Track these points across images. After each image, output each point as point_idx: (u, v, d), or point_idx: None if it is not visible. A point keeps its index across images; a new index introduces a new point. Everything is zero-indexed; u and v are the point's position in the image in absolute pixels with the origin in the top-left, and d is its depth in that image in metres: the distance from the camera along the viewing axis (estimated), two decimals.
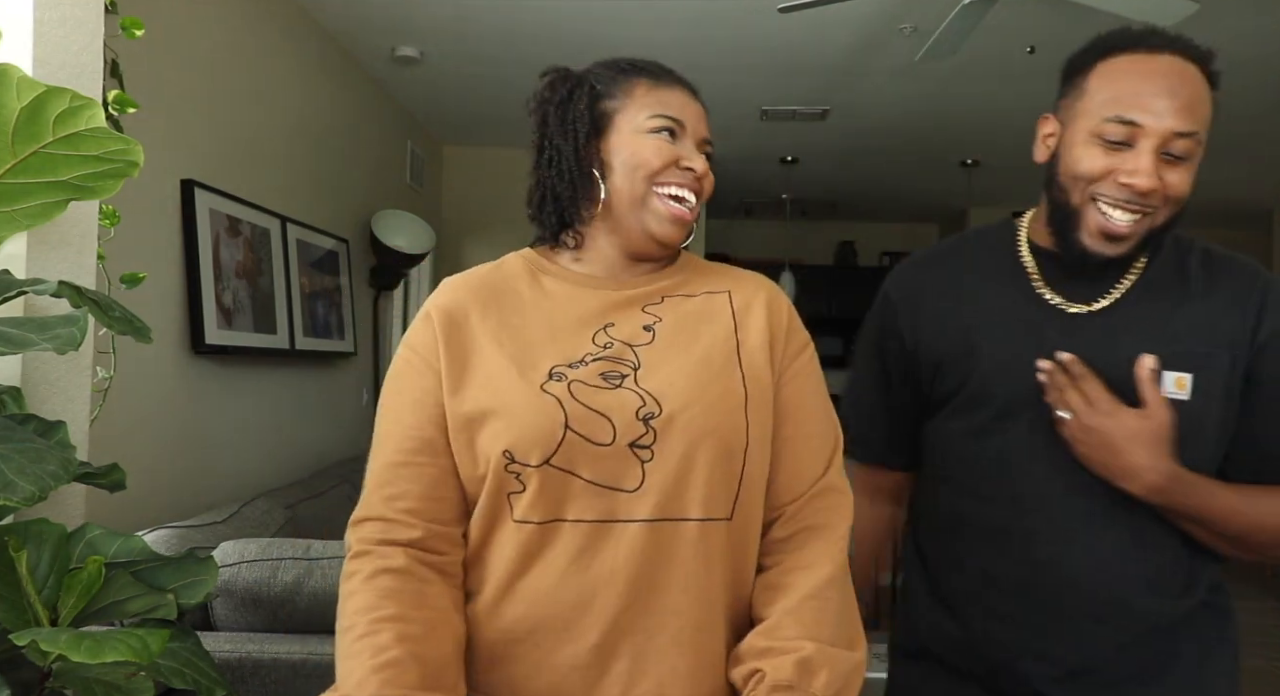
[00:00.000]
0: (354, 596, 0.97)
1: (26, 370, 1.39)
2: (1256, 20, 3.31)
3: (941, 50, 3.13)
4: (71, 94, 1.15)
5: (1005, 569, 1.17)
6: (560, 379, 0.99)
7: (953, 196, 6.30)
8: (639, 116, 1.06)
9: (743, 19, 3.41)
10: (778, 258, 6.85)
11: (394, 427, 1.03)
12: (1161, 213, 1.08)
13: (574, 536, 0.97)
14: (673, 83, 1.10)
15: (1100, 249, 1.10)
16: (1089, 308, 1.16)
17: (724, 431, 0.98)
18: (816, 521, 1.03)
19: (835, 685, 0.94)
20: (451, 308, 1.07)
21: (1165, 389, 1.10)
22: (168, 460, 2.45)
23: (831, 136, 5.01)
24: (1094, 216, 1.09)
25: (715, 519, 0.98)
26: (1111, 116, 1.06)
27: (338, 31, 3.61)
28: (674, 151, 1.06)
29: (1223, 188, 6.01)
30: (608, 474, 0.96)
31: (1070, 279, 1.17)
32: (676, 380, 0.99)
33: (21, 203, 1.22)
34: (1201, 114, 1.06)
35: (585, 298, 1.07)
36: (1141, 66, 1.07)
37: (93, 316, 1.22)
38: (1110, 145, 1.07)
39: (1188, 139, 1.05)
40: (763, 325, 1.06)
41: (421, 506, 1.00)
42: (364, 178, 4.03)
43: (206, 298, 2.57)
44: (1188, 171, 1.07)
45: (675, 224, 1.05)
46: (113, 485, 1.37)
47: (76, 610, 1.24)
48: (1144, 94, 1.05)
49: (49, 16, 1.42)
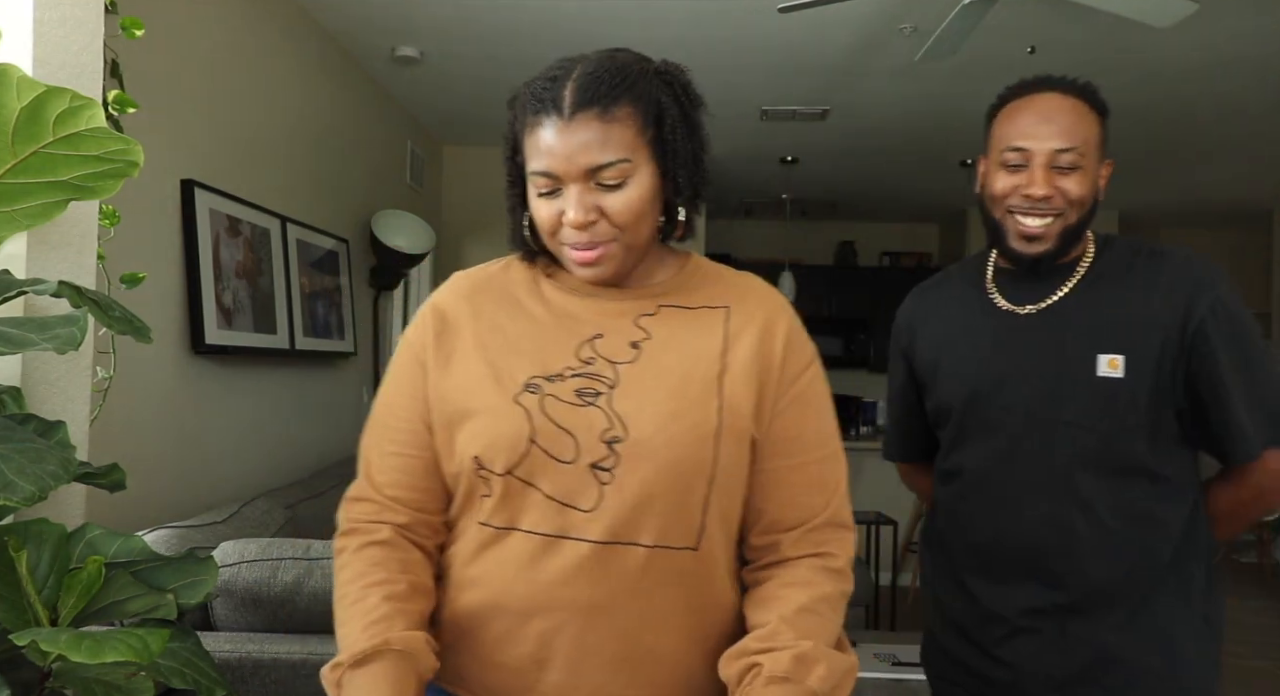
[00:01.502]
0: (345, 568, 1.03)
1: (26, 370, 1.39)
2: (1256, 20, 3.31)
3: (941, 50, 3.13)
4: (71, 94, 1.15)
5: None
6: (535, 391, 1.00)
7: (953, 196, 6.30)
8: (530, 174, 1.03)
9: (743, 19, 3.41)
10: (778, 257, 6.85)
11: (388, 417, 1.08)
12: (1071, 213, 1.34)
13: (525, 546, 0.99)
14: (546, 115, 0.99)
15: (1024, 249, 1.36)
16: (1036, 307, 1.39)
17: (688, 462, 0.98)
18: (814, 550, 1.03)
19: (832, 680, 0.95)
20: (448, 307, 1.09)
21: (1100, 370, 1.32)
22: (168, 460, 2.45)
23: (831, 136, 5.00)
24: (1011, 224, 1.36)
25: (672, 547, 0.98)
26: (1006, 147, 1.36)
27: (338, 31, 3.61)
28: (554, 208, 1.01)
29: (1223, 188, 6.00)
30: (566, 490, 0.97)
31: (1022, 285, 1.41)
32: (648, 405, 0.99)
33: (21, 203, 1.22)
34: (1082, 133, 1.32)
35: (580, 307, 1.07)
36: (1025, 105, 1.36)
37: (93, 316, 1.22)
38: (1011, 169, 1.35)
39: (1069, 153, 1.32)
40: (754, 352, 1.03)
41: (409, 495, 1.05)
42: (364, 178, 4.03)
43: (206, 298, 2.57)
44: (1081, 178, 1.33)
45: (586, 268, 1.02)
46: (113, 485, 1.37)
47: (76, 610, 1.24)
48: (1026, 125, 1.34)
49: (49, 16, 1.42)
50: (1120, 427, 1.32)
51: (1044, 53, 3.51)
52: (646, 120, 1.01)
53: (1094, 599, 1.34)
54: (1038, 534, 1.35)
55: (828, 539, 1.04)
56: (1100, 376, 1.32)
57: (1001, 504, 1.38)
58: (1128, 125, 4.62)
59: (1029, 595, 1.36)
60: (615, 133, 0.98)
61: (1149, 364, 1.31)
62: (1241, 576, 6.00)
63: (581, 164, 0.97)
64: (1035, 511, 1.35)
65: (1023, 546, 1.36)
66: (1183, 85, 4.01)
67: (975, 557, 1.42)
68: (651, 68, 1.05)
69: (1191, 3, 2.71)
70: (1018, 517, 1.36)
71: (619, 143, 0.98)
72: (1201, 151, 5.10)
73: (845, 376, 7.34)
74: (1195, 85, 4.00)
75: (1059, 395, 1.34)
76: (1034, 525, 1.35)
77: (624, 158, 0.98)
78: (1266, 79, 3.90)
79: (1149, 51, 3.61)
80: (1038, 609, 1.36)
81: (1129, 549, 1.33)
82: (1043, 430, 1.35)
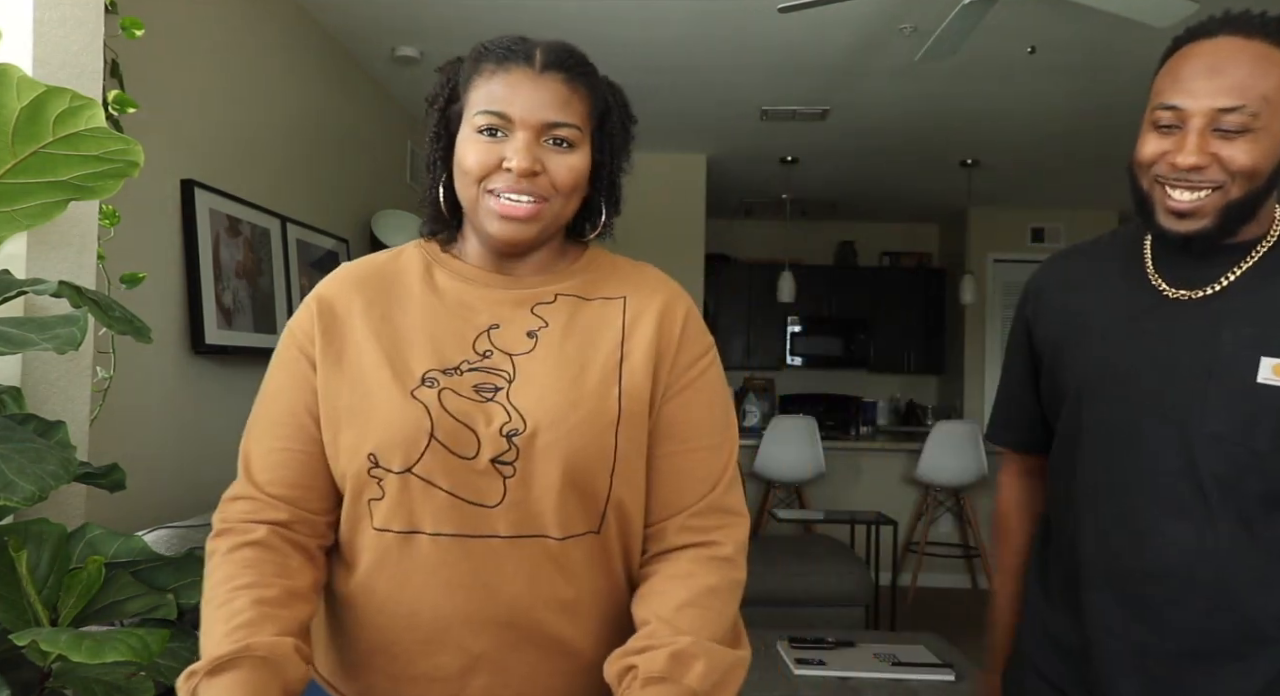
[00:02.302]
0: (215, 571, 0.96)
1: (26, 370, 1.39)
2: None
3: (941, 50, 3.13)
4: (71, 94, 1.15)
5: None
6: (433, 385, 0.97)
7: (953, 196, 6.30)
8: (471, 116, 1.00)
9: (743, 19, 3.41)
10: (778, 257, 6.85)
11: (271, 412, 1.02)
12: (1234, 187, 1.10)
13: (433, 549, 0.95)
14: (514, 65, 0.99)
15: (1175, 227, 1.13)
16: (1193, 294, 1.16)
17: (588, 452, 0.96)
18: (697, 539, 1.00)
19: (712, 677, 0.90)
20: (334, 298, 1.05)
21: (1262, 375, 1.10)
22: (168, 460, 2.45)
23: (831, 136, 5.00)
24: (1160, 198, 1.13)
25: (577, 535, 0.97)
26: (1158, 105, 1.12)
27: (338, 31, 3.61)
28: (494, 152, 0.97)
29: None
30: (469, 488, 0.95)
31: (1184, 264, 1.18)
32: (546, 397, 0.97)
33: (21, 203, 1.22)
34: (1261, 88, 1.07)
35: (474, 296, 1.03)
36: (1189, 54, 1.12)
37: (93, 316, 1.22)
38: (1162, 130, 1.12)
39: (1236, 113, 1.07)
40: (651, 337, 1.02)
41: (291, 492, 0.99)
42: (364, 178, 4.03)
43: (206, 297, 2.57)
44: (1250, 143, 1.08)
45: (506, 222, 0.98)
46: (113, 485, 1.37)
47: (76, 610, 1.24)
48: (1184, 79, 1.10)
49: (49, 16, 1.42)
50: (1276, 449, 1.10)
51: (1044, 53, 3.51)
52: (594, 110, 1.03)
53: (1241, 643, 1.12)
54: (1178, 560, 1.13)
55: (712, 526, 1.01)
56: (1261, 383, 1.10)
57: (1126, 523, 1.16)
58: (1127, 125, 4.61)
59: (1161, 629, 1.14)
60: (575, 100, 1.00)
61: None
62: None
63: (541, 116, 0.97)
64: (1172, 534, 1.13)
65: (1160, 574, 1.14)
66: None
67: (1102, 574, 1.19)
68: (601, 74, 1.07)
69: (1191, 3, 2.71)
70: (1149, 540, 1.15)
71: (576, 110, 1.00)
72: None
73: (845, 376, 7.35)
74: None
75: (1204, 399, 1.12)
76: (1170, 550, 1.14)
77: (577, 124, 1.00)
78: None
79: (1149, 51, 3.60)
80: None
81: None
82: (1190, 441, 1.13)
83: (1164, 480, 1.14)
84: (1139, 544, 1.15)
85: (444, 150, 1.04)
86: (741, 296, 7.19)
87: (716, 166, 5.66)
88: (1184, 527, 1.12)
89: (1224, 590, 1.11)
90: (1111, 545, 1.17)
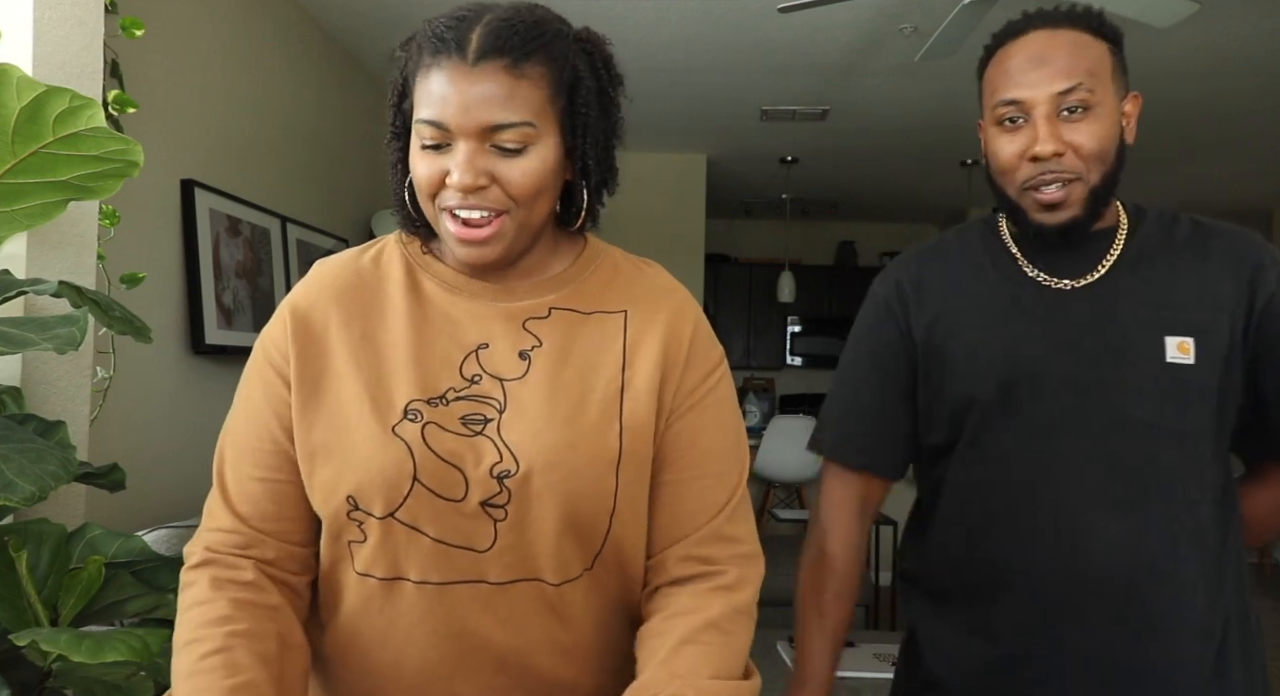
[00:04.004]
0: (200, 607, 0.86)
1: (26, 370, 1.39)
2: (1256, 20, 3.31)
3: (941, 50, 3.13)
4: (71, 94, 1.15)
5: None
6: (416, 419, 0.88)
7: (953, 196, 6.29)
8: (416, 122, 0.88)
9: (742, 19, 3.41)
10: (778, 257, 6.85)
11: (248, 437, 0.92)
12: (1092, 174, 1.11)
13: (419, 599, 0.88)
14: (446, 56, 0.85)
15: (1048, 220, 1.13)
16: (1077, 282, 1.16)
17: (586, 496, 0.88)
18: (699, 570, 0.92)
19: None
20: (309, 311, 0.93)
21: (1169, 355, 1.10)
22: (168, 460, 2.45)
23: (831, 136, 5.00)
24: (1030, 200, 1.13)
25: (573, 579, 0.90)
26: (999, 102, 1.13)
27: (338, 31, 3.61)
28: (438, 166, 0.86)
29: (1222, 188, 6.01)
30: (457, 533, 0.87)
31: (1059, 255, 1.18)
32: (541, 433, 0.88)
33: (21, 203, 1.22)
34: (1084, 66, 1.10)
35: (461, 310, 0.93)
36: (1009, 53, 1.14)
37: (93, 316, 1.22)
38: (1008, 127, 1.13)
39: (1074, 93, 1.09)
40: (655, 361, 0.92)
41: (275, 527, 0.91)
42: (364, 178, 4.03)
43: (206, 297, 2.57)
44: (1095, 123, 1.10)
45: (466, 246, 0.88)
46: (113, 485, 1.37)
47: (76, 610, 1.24)
48: (1015, 73, 1.12)
49: (49, 16, 1.42)
50: (1195, 426, 1.10)
51: None
52: (559, 86, 0.88)
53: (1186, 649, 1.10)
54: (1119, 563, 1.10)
55: (715, 555, 0.92)
56: (1170, 362, 1.10)
57: (1059, 522, 1.12)
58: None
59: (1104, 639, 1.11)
60: (522, 90, 0.85)
61: (1219, 349, 1.11)
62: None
63: (478, 119, 0.83)
64: (1110, 533, 1.10)
65: (1097, 579, 1.10)
66: (1183, 85, 4.00)
67: (1013, 592, 1.14)
68: (571, 32, 0.92)
69: (1192, 3, 2.71)
70: (1087, 541, 1.11)
71: (524, 103, 0.85)
72: (1201, 151, 5.10)
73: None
74: (1195, 85, 4.00)
75: (1123, 385, 1.11)
76: (1111, 551, 1.10)
77: (528, 120, 0.85)
78: (1266, 79, 3.89)
79: (1149, 51, 3.61)
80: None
81: (1219, 583, 1.12)
82: (1112, 427, 1.11)
83: (1093, 474, 1.11)
84: (1074, 543, 1.10)
85: (403, 150, 0.93)
86: (741, 296, 7.19)
87: (716, 166, 5.66)
88: (1121, 521, 1.10)
89: (1166, 583, 1.09)
90: (1044, 550, 1.12)
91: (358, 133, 3.95)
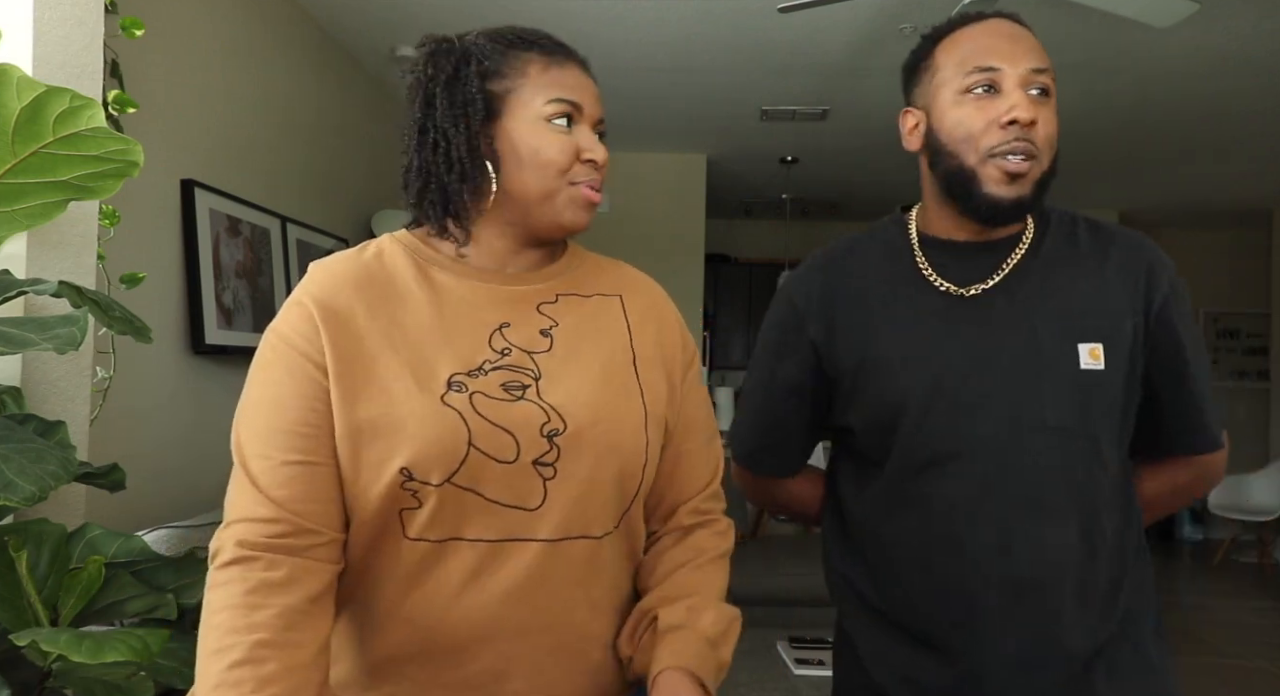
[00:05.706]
0: (229, 612, 0.86)
1: (26, 370, 1.39)
2: (1256, 20, 3.31)
3: None
4: (71, 94, 1.15)
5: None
6: (461, 389, 0.93)
7: None
8: (535, 101, 0.97)
9: (742, 19, 3.41)
10: (778, 257, 6.85)
11: (278, 421, 0.92)
12: (1045, 158, 1.12)
13: (471, 555, 0.92)
14: (566, 58, 1.01)
15: (1004, 192, 1.11)
16: (985, 285, 1.16)
17: (626, 450, 0.97)
18: (703, 519, 1.08)
19: (720, 625, 1.00)
20: (332, 301, 0.96)
21: (1082, 361, 1.11)
22: (168, 460, 2.45)
23: (831, 136, 5.00)
24: (992, 169, 1.11)
25: (610, 532, 0.99)
26: (972, 69, 1.12)
27: (337, 31, 3.61)
28: (574, 144, 0.98)
29: (1222, 188, 6.00)
30: (510, 492, 0.93)
31: (963, 257, 1.18)
32: (580, 394, 0.96)
33: (21, 203, 1.22)
34: (1046, 57, 1.13)
35: (478, 294, 1.00)
36: (978, 30, 1.15)
37: (93, 316, 1.22)
38: (981, 96, 1.11)
39: (1044, 74, 1.11)
40: (655, 339, 1.06)
41: (314, 509, 0.91)
42: (364, 177, 4.03)
43: (206, 297, 2.57)
44: (1052, 111, 1.13)
45: (588, 209, 1.01)
46: (113, 485, 1.37)
47: (76, 610, 1.24)
48: (991, 44, 1.12)
49: (49, 16, 1.42)
50: (1105, 430, 1.12)
51: None
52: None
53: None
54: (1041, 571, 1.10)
55: (712, 508, 1.10)
56: (1084, 369, 1.11)
57: (981, 533, 1.11)
58: (1127, 125, 4.62)
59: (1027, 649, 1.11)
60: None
61: (1124, 353, 1.12)
62: (1241, 576, 5.99)
63: (598, 112, 1.01)
64: (1031, 537, 1.10)
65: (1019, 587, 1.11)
66: (1183, 85, 4.01)
67: (944, 606, 1.13)
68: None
69: (1192, 3, 2.71)
70: (1012, 547, 1.10)
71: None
72: (1201, 151, 5.10)
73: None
74: (1195, 85, 4.00)
75: (1040, 394, 1.11)
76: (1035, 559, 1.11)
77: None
78: (1266, 79, 3.90)
79: (1149, 51, 3.61)
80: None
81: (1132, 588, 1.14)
82: (1033, 437, 1.10)
83: (1015, 484, 1.10)
84: (1008, 552, 1.10)
85: (473, 137, 0.98)
86: (741, 296, 7.19)
87: (716, 166, 5.66)
88: (1047, 529, 1.10)
89: (1095, 586, 1.11)
90: (982, 557, 1.11)
91: (357, 133, 3.95)
